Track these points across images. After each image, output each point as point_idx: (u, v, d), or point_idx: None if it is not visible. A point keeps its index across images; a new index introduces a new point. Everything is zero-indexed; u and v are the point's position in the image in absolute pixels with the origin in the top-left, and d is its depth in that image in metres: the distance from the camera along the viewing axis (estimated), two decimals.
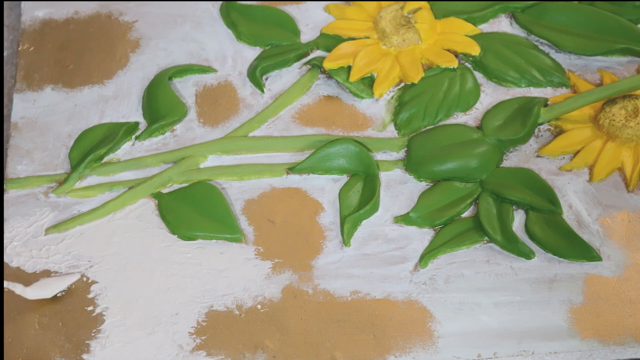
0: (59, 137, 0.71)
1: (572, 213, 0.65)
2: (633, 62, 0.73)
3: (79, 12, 0.79)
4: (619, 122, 0.68)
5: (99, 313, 0.62)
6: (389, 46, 0.74)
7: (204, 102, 0.73)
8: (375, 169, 0.67)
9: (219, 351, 0.60)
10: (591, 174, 0.67)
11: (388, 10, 0.75)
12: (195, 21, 0.78)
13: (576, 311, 0.61)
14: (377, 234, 0.65)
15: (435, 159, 0.68)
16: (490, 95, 0.72)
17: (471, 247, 0.64)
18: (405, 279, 0.63)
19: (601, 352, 0.59)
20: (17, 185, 0.68)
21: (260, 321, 0.61)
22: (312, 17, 0.77)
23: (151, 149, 0.70)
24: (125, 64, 0.75)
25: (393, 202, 0.67)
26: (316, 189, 0.67)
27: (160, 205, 0.67)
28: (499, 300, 0.62)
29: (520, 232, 0.65)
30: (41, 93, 0.74)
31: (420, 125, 0.70)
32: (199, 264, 0.64)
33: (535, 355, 0.59)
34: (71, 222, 0.66)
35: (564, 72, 0.72)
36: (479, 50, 0.73)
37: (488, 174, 0.67)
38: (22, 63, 0.75)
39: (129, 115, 0.72)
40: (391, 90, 0.72)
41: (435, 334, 0.60)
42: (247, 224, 0.66)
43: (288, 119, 0.71)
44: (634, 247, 0.63)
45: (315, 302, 0.62)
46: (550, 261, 0.63)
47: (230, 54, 0.75)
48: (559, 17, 0.75)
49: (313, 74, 0.74)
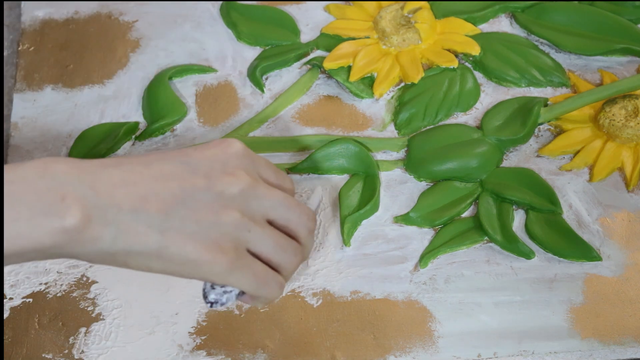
0: (59, 137, 0.71)
1: (572, 213, 0.65)
2: (633, 62, 0.73)
3: (79, 12, 0.79)
4: (619, 122, 0.68)
5: (98, 313, 0.62)
6: (389, 46, 0.74)
7: (204, 102, 0.73)
8: (375, 169, 0.67)
9: (219, 351, 0.60)
10: (591, 173, 0.67)
11: (388, 10, 0.75)
12: (195, 21, 0.78)
13: (576, 311, 0.61)
14: (377, 234, 0.65)
15: (435, 159, 0.68)
16: (490, 95, 0.72)
17: (471, 247, 0.64)
18: (405, 278, 0.63)
19: (601, 352, 0.59)
20: None
21: (260, 321, 0.61)
22: (312, 17, 0.77)
23: (151, 149, 0.70)
24: (125, 64, 0.75)
25: (393, 202, 0.67)
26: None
27: None
28: (499, 300, 0.61)
29: (520, 232, 0.65)
30: (41, 93, 0.74)
31: (420, 125, 0.70)
32: None
33: (535, 355, 0.59)
34: None
35: (564, 72, 0.72)
36: (479, 50, 0.73)
37: (488, 173, 0.67)
38: (22, 63, 0.75)
39: (129, 115, 0.72)
40: (391, 90, 0.72)
41: (435, 333, 0.60)
42: None
43: (288, 118, 0.71)
44: (634, 247, 0.63)
45: (315, 302, 0.62)
46: (550, 261, 0.63)
47: (230, 54, 0.75)
48: (558, 17, 0.75)
49: (313, 74, 0.74)
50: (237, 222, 0.51)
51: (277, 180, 0.56)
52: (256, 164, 0.55)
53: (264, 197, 0.53)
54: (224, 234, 0.51)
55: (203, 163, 0.52)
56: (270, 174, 0.56)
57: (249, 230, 0.52)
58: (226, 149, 0.53)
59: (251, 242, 0.52)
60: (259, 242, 0.53)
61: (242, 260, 0.52)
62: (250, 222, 0.52)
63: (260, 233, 0.53)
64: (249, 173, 0.53)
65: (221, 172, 0.52)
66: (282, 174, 0.57)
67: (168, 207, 0.50)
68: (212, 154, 0.53)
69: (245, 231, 0.52)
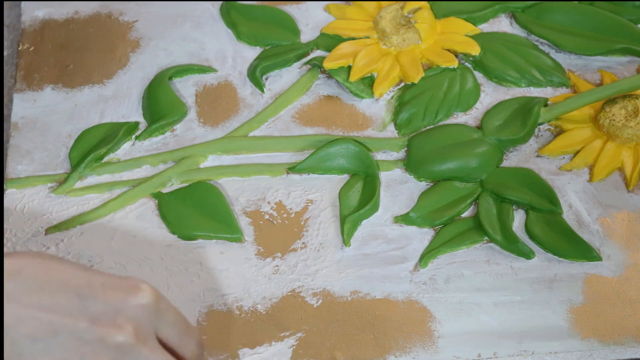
0: (59, 137, 0.71)
1: (572, 213, 0.65)
2: (633, 62, 0.73)
3: (79, 12, 0.79)
4: (619, 122, 0.68)
5: None
6: (389, 46, 0.74)
7: (204, 102, 0.73)
8: (375, 169, 0.67)
9: (219, 351, 0.60)
10: (591, 173, 0.67)
11: (388, 10, 0.75)
12: (195, 21, 0.78)
13: (576, 311, 0.61)
14: (377, 234, 0.65)
15: (435, 159, 0.68)
16: (490, 95, 0.72)
17: (471, 247, 0.64)
18: (405, 278, 0.63)
19: (601, 352, 0.59)
20: (17, 185, 0.68)
21: (260, 321, 0.61)
22: (312, 17, 0.77)
23: (151, 149, 0.70)
24: (125, 64, 0.75)
25: (393, 202, 0.67)
26: (316, 188, 0.67)
27: (160, 205, 0.67)
28: (499, 300, 0.61)
29: (520, 232, 0.65)
30: (41, 93, 0.74)
31: (420, 125, 0.70)
32: (199, 264, 0.64)
33: (535, 355, 0.59)
34: (71, 222, 0.66)
35: (564, 72, 0.72)
36: (479, 50, 0.73)
37: (488, 173, 0.67)
38: (22, 63, 0.75)
39: (129, 115, 0.72)
40: (391, 90, 0.72)
41: (435, 334, 0.60)
42: (247, 224, 0.66)
43: (288, 118, 0.71)
44: (634, 247, 0.63)
45: (315, 302, 0.62)
46: (550, 261, 0.63)
47: (230, 54, 0.75)
48: (558, 17, 0.75)
49: (313, 73, 0.74)
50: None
51: (180, 341, 0.52)
52: (160, 320, 0.51)
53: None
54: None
55: (98, 305, 0.49)
56: (174, 333, 0.52)
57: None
58: (129, 297, 0.50)
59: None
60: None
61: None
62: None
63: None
64: (140, 330, 0.49)
65: (110, 320, 0.49)
66: (190, 336, 0.53)
67: (38, 335, 0.48)
68: (112, 297, 0.49)
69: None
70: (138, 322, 0.50)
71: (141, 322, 0.50)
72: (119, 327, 0.49)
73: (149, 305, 0.50)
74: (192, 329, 0.53)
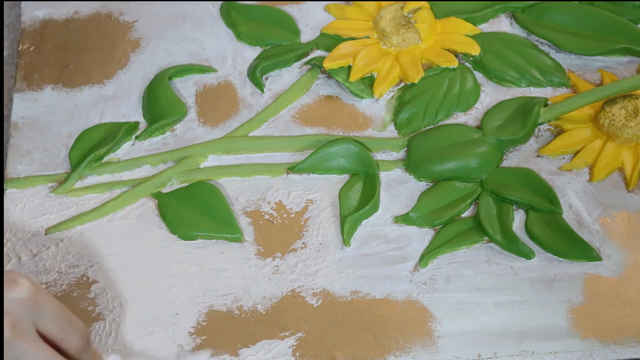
0: (59, 137, 0.71)
1: (572, 213, 0.65)
2: (633, 62, 0.73)
3: (79, 12, 0.79)
4: (619, 122, 0.68)
5: (99, 313, 0.62)
6: (389, 46, 0.74)
7: (204, 102, 0.73)
8: (375, 169, 0.67)
9: (219, 351, 0.60)
10: (591, 173, 0.67)
11: (388, 10, 0.75)
12: (195, 21, 0.78)
13: (576, 311, 0.61)
14: (377, 234, 0.65)
15: (435, 159, 0.68)
16: (490, 95, 0.72)
17: (471, 247, 0.64)
18: (405, 279, 0.63)
19: (601, 352, 0.59)
20: (17, 185, 0.68)
21: (260, 321, 0.61)
22: (312, 17, 0.77)
23: (151, 149, 0.70)
24: (125, 64, 0.75)
25: (393, 202, 0.67)
26: (316, 188, 0.67)
27: (160, 205, 0.67)
28: (499, 300, 0.61)
29: (520, 232, 0.65)
30: (41, 93, 0.74)
31: (420, 125, 0.70)
32: (199, 264, 0.64)
33: (535, 355, 0.59)
34: (71, 222, 0.66)
35: (564, 72, 0.72)
36: (479, 50, 0.73)
37: (488, 173, 0.67)
38: (22, 63, 0.75)
39: (129, 115, 0.72)
40: (391, 90, 0.72)
41: (435, 333, 0.60)
42: (247, 224, 0.66)
43: (288, 118, 0.71)
44: (634, 247, 0.63)
45: (315, 302, 0.62)
46: (550, 261, 0.63)
47: (230, 54, 0.76)
48: (558, 17, 0.75)
49: (313, 73, 0.74)
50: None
51: (61, 335, 0.51)
52: (39, 314, 0.50)
53: (22, 354, 0.49)
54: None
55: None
56: (55, 327, 0.51)
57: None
58: (6, 291, 0.49)
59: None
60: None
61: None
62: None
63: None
64: (17, 324, 0.49)
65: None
66: (73, 330, 0.52)
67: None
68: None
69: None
70: (15, 316, 0.49)
71: (18, 316, 0.50)
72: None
73: (26, 299, 0.50)
74: (76, 323, 0.53)
